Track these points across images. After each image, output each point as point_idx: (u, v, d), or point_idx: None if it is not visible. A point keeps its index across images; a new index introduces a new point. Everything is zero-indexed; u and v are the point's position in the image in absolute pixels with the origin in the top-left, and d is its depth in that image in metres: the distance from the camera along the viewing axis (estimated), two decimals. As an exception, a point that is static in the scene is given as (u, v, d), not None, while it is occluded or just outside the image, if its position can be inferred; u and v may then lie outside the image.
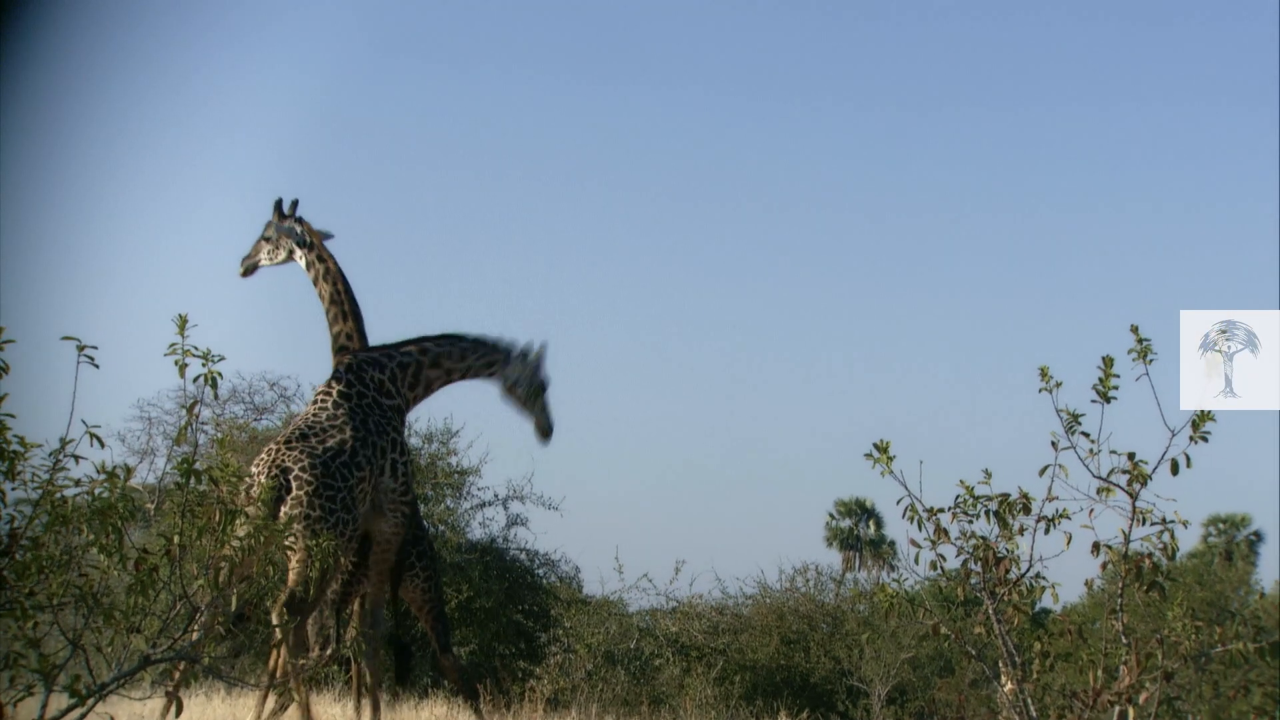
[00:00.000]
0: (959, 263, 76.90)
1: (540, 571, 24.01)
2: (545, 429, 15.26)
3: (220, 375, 8.62)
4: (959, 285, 76.25)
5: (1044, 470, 9.63)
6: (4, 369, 7.97)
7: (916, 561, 9.82)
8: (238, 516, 8.65)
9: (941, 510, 9.80)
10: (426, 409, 20.57)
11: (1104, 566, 9.71)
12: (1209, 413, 9.42)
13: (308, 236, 15.22)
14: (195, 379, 8.62)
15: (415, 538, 15.15)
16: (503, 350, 15.08)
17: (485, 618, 22.29)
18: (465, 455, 23.53)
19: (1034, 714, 9.54)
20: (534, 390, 15.15)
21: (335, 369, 14.45)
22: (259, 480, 13.11)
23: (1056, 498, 9.63)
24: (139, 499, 8.46)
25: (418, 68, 77.60)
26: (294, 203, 15.33)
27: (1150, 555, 9.48)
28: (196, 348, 8.64)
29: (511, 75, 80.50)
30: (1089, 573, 10.02)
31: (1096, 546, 9.56)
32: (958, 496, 9.79)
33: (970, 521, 9.79)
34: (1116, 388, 9.52)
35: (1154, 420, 9.46)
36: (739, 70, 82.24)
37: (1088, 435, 9.57)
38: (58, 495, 8.11)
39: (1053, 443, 9.60)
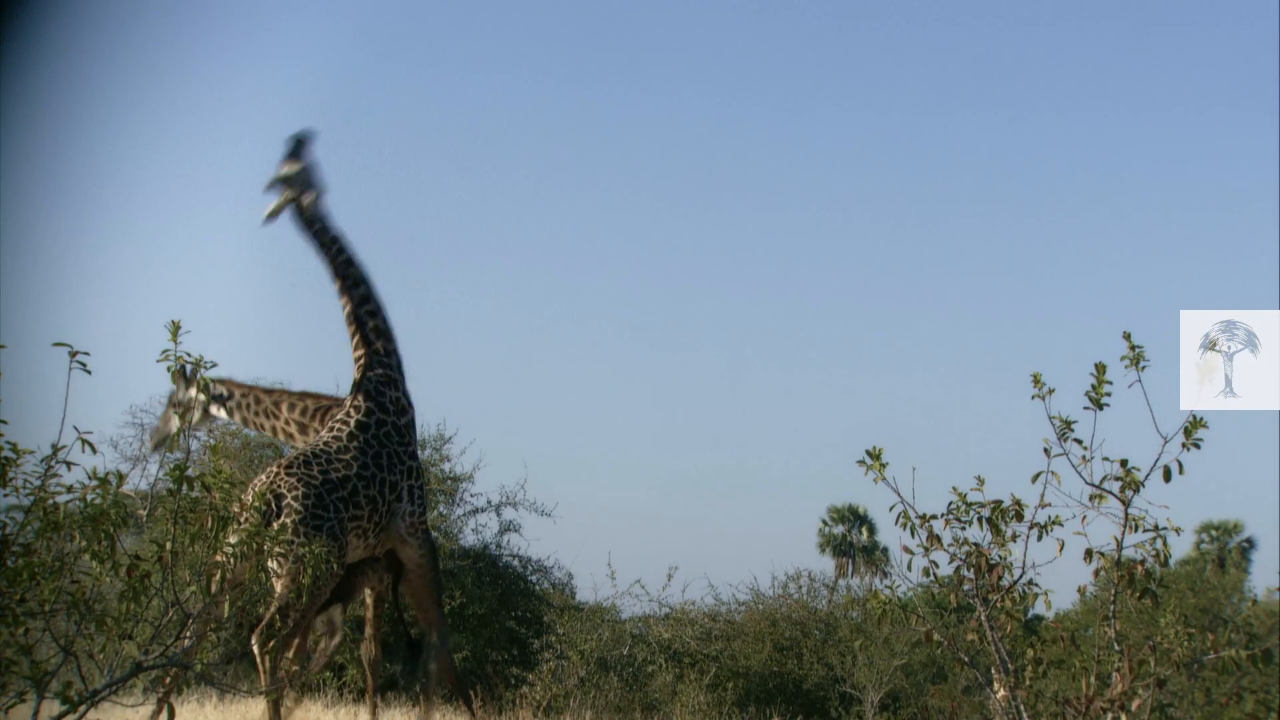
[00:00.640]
0: (954, 268, 76.93)
1: (533, 578, 23.99)
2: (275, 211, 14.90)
3: (212, 381, 8.62)
4: (954, 291, 76.28)
5: (1037, 477, 9.63)
6: (-4, 375, 7.96)
7: (909, 568, 9.83)
8: (230, 523, 8.65)
9: (934, 517, 9.81)
10: (421, 414, 20.53)
11: (1097, 573, 9.72)
12: (1201, 419, 9.43)
13: (220, 387, 14.67)
14: (191, 382, 8.62)
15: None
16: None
17: (478, 624, 22.27)
18: (458, 462, 23.54)
19: (1027, 721, 9.54)
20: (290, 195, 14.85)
21: (354, 394, 14.41)
22: (250, 504, 13.17)
23: (1049, 504, 9.63)
24: (131, 505, 8.45)
25: (417, 72, 77.61)
26: (195, 365, 15.44)
27: (1143, 562, 9.48)
28: (189, 354, 8.64)
29: (511, 76, 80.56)
30: (1081, 579, 10.05)
31: (1089, 553, 9.56)
32: (950, 503, 9.80)
33: (963, 528, 9.80)
34: (1109, 394, 9.52)
35: (1147, 427, 9.47)
36: (733, 75, 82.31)
37: (1080, 442, 9.57)
38: (50, 501, 8.10)
39: (1045, 449, 9.60)
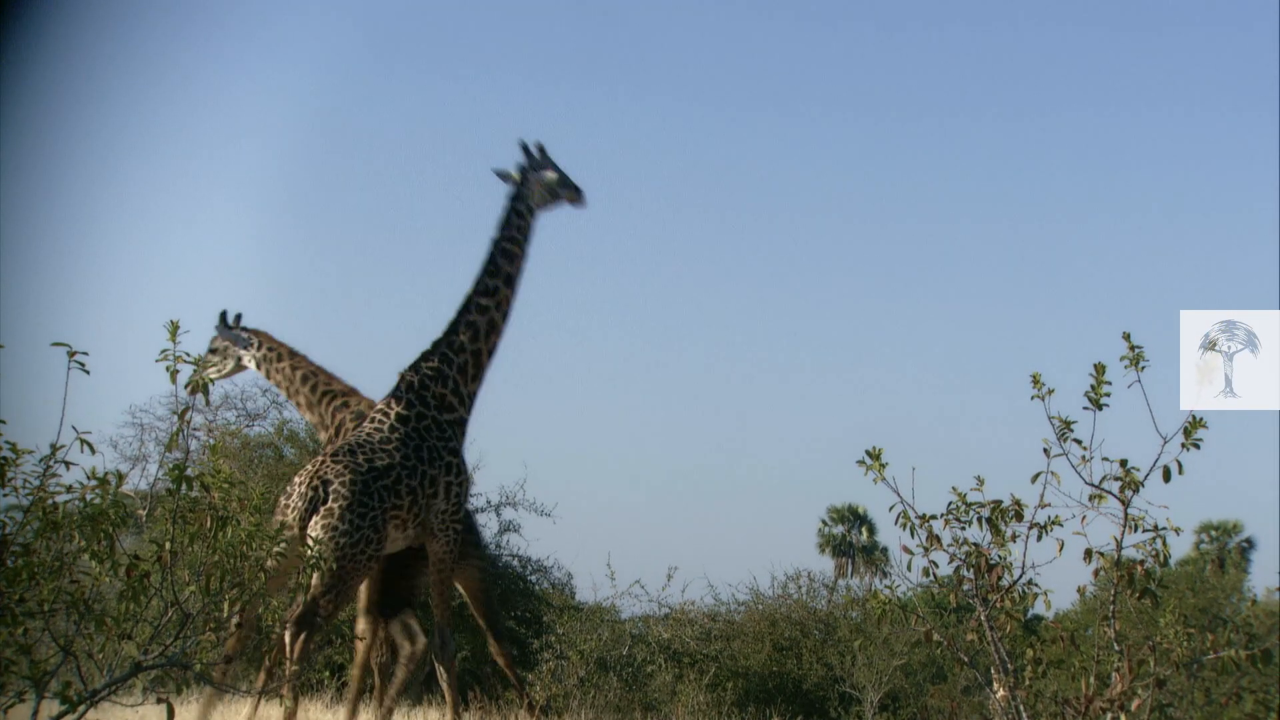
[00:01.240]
0: (953, 268, 76.99)
1: (533, 578, 24.00)
2: (575, 197, 15.39)
3: (212, 381, 8.61)
4: (953, 291, 76.32)
5: (1036, 477, 9.63)
6: (-5, 375, 7.97)
7: (909, 568, 9.82)
8: (230, 522, 8.65)
9: (934, 517, 9.81)
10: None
11: (1096, 573, 9.71)
12: (1201, 420, 9.43)
13: (252, 338, 15.55)
14: (186, 384, 8.62)
15: (469, 526, 15.34)
16: (520, 213, 15.10)
17: (478, 624, 22.23)
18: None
19: (1026, 721, 9.54)
20: (550, 190, 15.24)
21: (397, 386, 14.38)
22: (297, 490, 13.25)
23: (1049, 504, 9.63)
24: (130, 505, 8.44)
25: (416, 73, 77.62)
26: (238, 316, 15.74)
27: (1142, 562, 9.47)
28: (188, 354, 8.63)
29: (511, 76, 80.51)
30: (1081, 579, 10.05)
31: (1089, 553, 9.55)
32: (950, 503, 9.80)
33: (963, 528, 9.80)
34: (1109, 394, 9.52)
35: (1146, 427, 9.47)
36: (731, 77, 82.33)
37: (1080, 442, 9.56)
38: (49, 501, 8.11)
39: (1045, 449, 9.59)
